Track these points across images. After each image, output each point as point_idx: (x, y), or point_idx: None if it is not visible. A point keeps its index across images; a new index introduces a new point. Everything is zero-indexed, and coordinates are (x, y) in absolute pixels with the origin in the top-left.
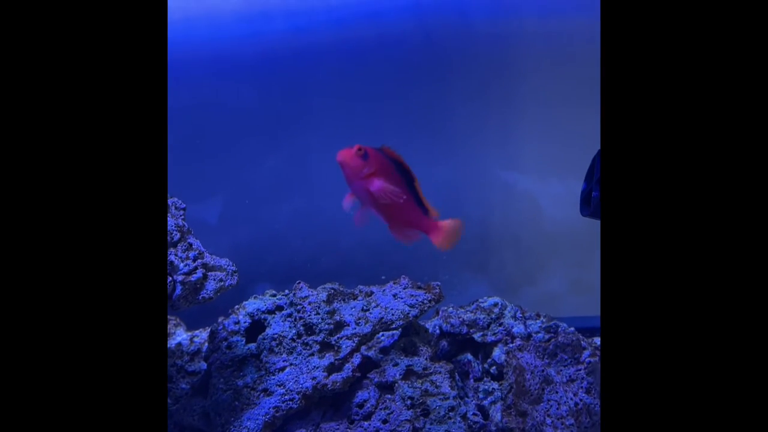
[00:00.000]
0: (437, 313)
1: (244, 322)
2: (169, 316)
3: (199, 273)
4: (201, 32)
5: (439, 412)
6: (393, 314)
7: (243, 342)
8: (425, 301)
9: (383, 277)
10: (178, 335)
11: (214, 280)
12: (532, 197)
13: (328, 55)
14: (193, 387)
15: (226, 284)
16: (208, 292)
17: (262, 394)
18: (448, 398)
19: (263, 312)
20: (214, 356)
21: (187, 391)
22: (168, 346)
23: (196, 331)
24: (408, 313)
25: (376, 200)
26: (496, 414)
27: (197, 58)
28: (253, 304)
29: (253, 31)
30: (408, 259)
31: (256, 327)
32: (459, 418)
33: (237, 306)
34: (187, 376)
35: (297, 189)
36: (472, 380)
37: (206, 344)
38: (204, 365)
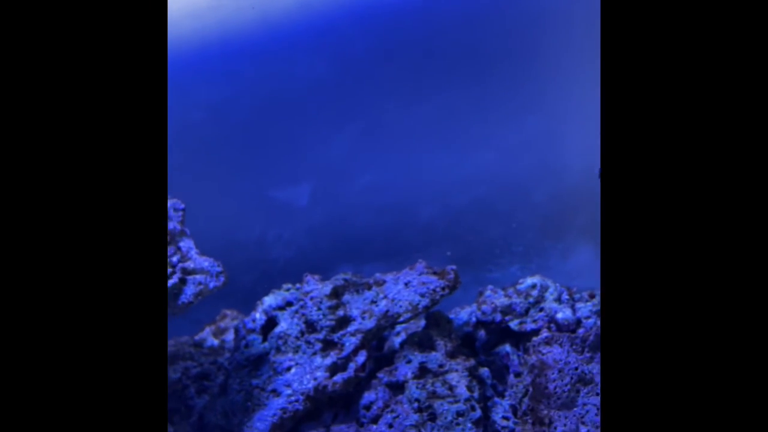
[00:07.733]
0: (480, 295)
1: (260, 320)
2: (227, 311)
3: (175, 278)
4: (249, 14)
5: (445, 417)
6: (400, 306)
7: (259, 340)
8: (438, 289)
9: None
10: (231, 331)
11: (193, 284)
12: None
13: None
14: (220, 386)
15: (210, 287)
16: (188, 296)
17: (270, 395)
18: (459, 401)
19: (275, 308)
20: (234, 355)
21: (217, 389)
22: (215, 343)
23: None
24: (417, 304)
25: None
26: None
27: (250, 41)
28: (268, 300)
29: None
30: (489, 226)
31: (270, 324)
32: (470, 424)
33: (258, 302)
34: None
35: (371, 162)
36: (512, 376)
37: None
38: None
